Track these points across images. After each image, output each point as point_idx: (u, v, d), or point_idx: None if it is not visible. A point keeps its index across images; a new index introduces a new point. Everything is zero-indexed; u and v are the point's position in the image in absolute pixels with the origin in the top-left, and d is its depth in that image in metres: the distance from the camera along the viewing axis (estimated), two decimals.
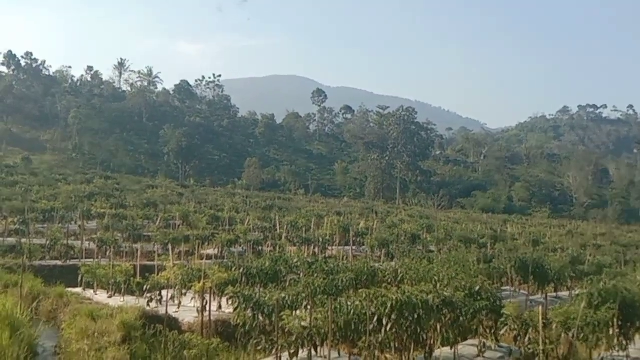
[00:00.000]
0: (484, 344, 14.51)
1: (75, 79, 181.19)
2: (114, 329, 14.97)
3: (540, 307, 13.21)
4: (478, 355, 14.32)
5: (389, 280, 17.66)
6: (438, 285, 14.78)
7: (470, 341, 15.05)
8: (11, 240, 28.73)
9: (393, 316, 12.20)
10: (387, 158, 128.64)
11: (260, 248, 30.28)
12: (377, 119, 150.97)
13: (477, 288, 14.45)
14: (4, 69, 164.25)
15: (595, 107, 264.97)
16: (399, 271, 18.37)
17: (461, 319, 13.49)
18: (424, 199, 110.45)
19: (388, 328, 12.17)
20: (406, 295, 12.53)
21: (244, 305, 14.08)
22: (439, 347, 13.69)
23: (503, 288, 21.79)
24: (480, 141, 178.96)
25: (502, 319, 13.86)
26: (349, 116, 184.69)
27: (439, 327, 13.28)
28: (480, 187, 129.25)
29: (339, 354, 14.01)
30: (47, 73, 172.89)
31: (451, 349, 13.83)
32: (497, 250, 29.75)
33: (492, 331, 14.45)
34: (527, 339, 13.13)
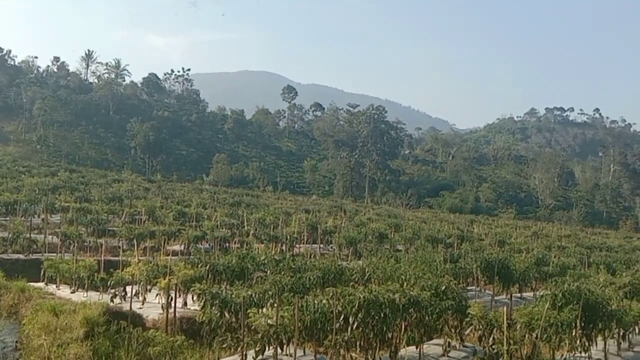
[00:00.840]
0: (449, 343, 14.60)
1: (41, 70, 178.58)
2: (76, 324, 14.74)
3: (505, 308, 13.30)
4: (443, 355, 14.39)
5: (356, 279, 17.67)
6: (405, 284, 14.81)
7: (435, 341, 15.14)
8: None
9: (360, 315, 12.20)
10: (356, 156, 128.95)
11: (227, 245, 30.11)
12: (347, 117, 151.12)
13: (443, 287, 14.53)
14: None
15: (562, 109, 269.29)
16: (366, 270, 18.39)
17: (427, 318, 13.55)
18: (392, 198, 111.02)
19: (354, 327, 12.16)
20: (373, 294, 12.54)
21: (210, 303, 13.95)
22: (404, 347, 13.74)
23: (469, 288, 21.98)
24: (448, 141, 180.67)
25: (467, 319, 13.94)
26: (318, 113, 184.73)
27: (404, 327, 13.33)
28: (448, 187, 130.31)
29: (305, 352, 13.97)
30: (12, 63, 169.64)
31: (416, 348, 13.88)
32: (463, 250, 29.98)
33: (457, 331, 14.55)
34: (491, 339, 13.21)
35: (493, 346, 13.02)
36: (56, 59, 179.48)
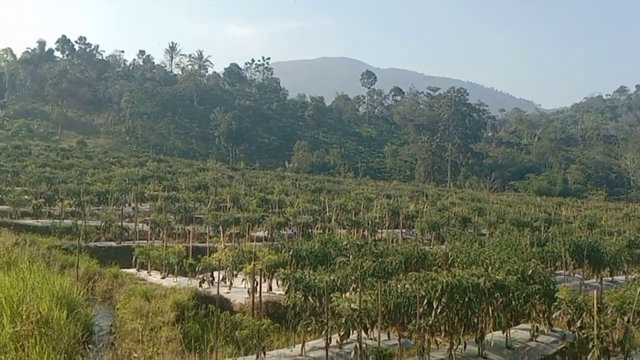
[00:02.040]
0: (537, 328, 14.32)
1: (128, 63, 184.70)
2: (167, 308, 15.29)
3: (595, 292, 12.89)
4: (530, 340, 14.15)
5: (439, 264, 17.53)
6: (489, 268, 14.59)
7: (522, 325, 14.88)
8: (67, 222, 29.45)
9: (443, 299, 12.12)
10: (437, 140, 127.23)
11: (309, 231, 30.42)
12: (427, 100, 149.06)
13: (530, 272, 14.24)
14: (58, 54, 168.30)
15: None
16: (450, 254, 18.21)
17: (513, 302, 13.32)
18: (475, 182, 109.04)
19: (438, 311, 12.10)
20: (457, 278, 12.43)
21: (294, 287, 14.18)
22: (490, 331, 13.57)
23: (557, 272, 21.44)
24: (534, 122, 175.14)
25: (556, 303, 13.61)
26: (398, 98, 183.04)
27: (490, 311, 13.16)
28: (534, 170, 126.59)
29: (389, 336, 14.01)
30: (100, 57, 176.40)
31: (503, 333, 13.69)
32: (550, 233, 29.16)
33: (545, 315, 14.24)
34: (580, 323, 12.87)
35: (582, 331, 12.66)
36: (141, 52, 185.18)
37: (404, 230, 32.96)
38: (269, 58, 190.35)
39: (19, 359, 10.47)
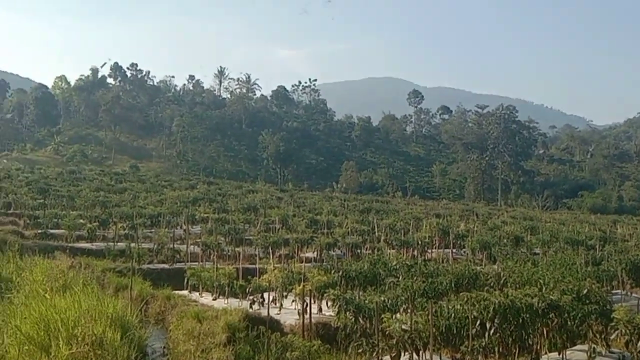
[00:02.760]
0: (594, 349, 13.90)
1: (178, 88, 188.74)
2: (218, 330, 15.38)
3: None
4: None
5: (492, 284, 17.22)
6: (543, 288, 14.29)
7: (579, 346, 14.48)
8: (121, 245, 30.01)
9: (496, 320, 11.92)
10: (487, 158, 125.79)
11: (358, 251, 30.28)
12: (475, 118, 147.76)
13: (585, 291, 13.89)
14: (111, 81, 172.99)
15: None
16: (502, 274, 17.88)
17: (569, 323, 13.01)
18: (527, 200, 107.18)
19: (491, 332, 11.89)
20: (510, 298, 12.21)
21: (344, 308, 14.13)
22: (545, 353, 13.26)
23: (613, 291, 20.85)
24: (586, 139, 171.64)
25: (613, 324, 13.23)
26: (446, 116, 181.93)
27: (545, 332, 12.86)
28: (588, 187, 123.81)
29: (441, 358, 13.81)
30: (151, 83, 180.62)
31: (559, 354, 13.36)
32: (606, 252, 28.39)
33: (603, 336, 13.86)
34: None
35: None
36: (191, 77, 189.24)
37: (454, 250, 32.51)
38: (315, 80, 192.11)
39: None
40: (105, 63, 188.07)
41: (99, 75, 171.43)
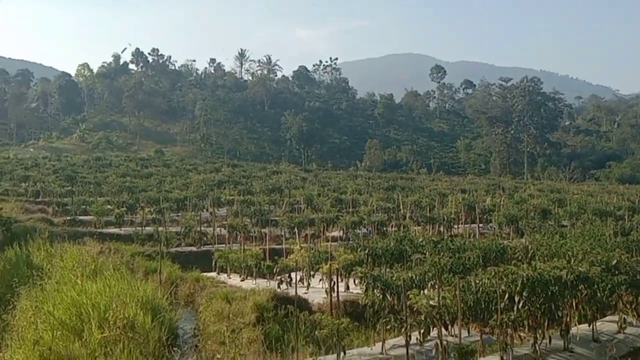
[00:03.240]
0: (624, 319, 13.83)
1: (200, 72, 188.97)
2: (247, 310, 15.53)
3: None
4: (618, 332, 13.69)
5: (519, 258, 17.09)
6: (572, 260, 14.15)
7: (609, 317, 14.41)
8: (149, 229, 30.33)
9: (525, 293, 11.83)
10: (512, 132, 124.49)
11: (384, 229, 30.24)
12: (499, 91, 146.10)
13: (615, 262, 13.75)
14: (133, 67, 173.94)
15: None
16: (530, 247, 17.74)
17: (598, 294, 12.89)
18: (554, 172, 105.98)
19: (520, 306, 11.82)
20: (538, 271, 12.12)
21: (372, 286, 14.14)
22: (575, 325, 13.18)
23: None
24: (612, 108, 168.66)
25: None
26: (469, 91, 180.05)
27: (574, 304, 12.76)
28: (615, 157, 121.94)
29: (469, 332, 13.81)
30: (172, 68, 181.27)
31: (589, 325, 13.28)
32: (635, 222, 28.02)
33: (633, 306, 13.74)
34: None
35: None
36: (212, 60, 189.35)
37: (480, 225, 32.35)
38: (336, 58, 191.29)
39: None
40: (125, 48, 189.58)
41: (121, 61, 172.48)
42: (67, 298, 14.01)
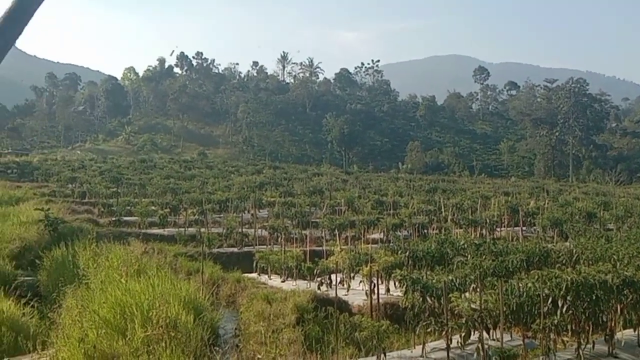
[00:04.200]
0: None
1: (242, 75, 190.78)
2: (288, 311, 15.58)
3: None
4: None
5: (563, 261, 16.83)
6: (618, 264, 13.87)
7: None
8: (191, 230, 30.66)
9: (569, 298, 11.65)
10: (557, 134, 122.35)
11: (425, 231, 30.03)
12: (544, 93, 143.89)
13: None
14: (177, 70, 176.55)
15: None
16: (574, 251, 17.44)
17: None
18: (599, 175, 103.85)
19: (564, 310, 11.63)
20: (582, 275, 11.91)
21: (412, 288, 14.07)
22: (620, 330, 12.90)
23: None
24: None
25: None
26: (513, 92, 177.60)
27: (620, 309, 12.50)
28: None
29: (512, 336, 13.63)
30: (216, 71, 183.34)
31: (634, 331, 13.00)
32: None
33: None
34: None
35: None
36: (255, 63, 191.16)
37: (524, 228, 31.86)
38: (378, 60, 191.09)
39: None
40: (173, 51, 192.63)
41: (166, 65, 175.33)
42: (111, 297, 14.26)
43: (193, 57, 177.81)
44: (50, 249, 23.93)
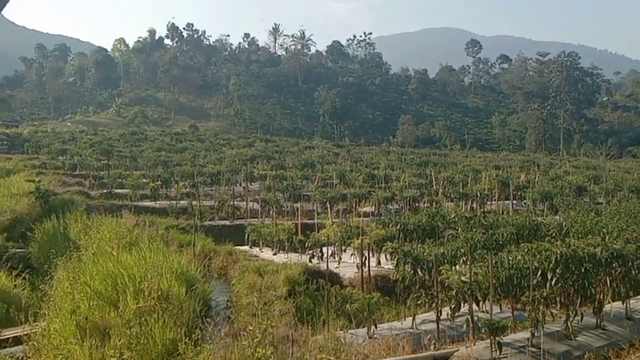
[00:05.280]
0: None
1: (234, 47, 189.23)
2: (279, 283, 15.68)
3: None
4: None
5: (553, 234, 16.96)
6: (607, 237, 13.98)
7: None
8: (183, 203, 30.65)
9: (558, 270, 11.76)
10: (548, 107, 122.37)
11: (416, 204, 30.17)
12: (536, 66, 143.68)
13: None
14: (168, 42, 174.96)
15: None
16: (564, 224, 17.58)
17: (632, 272, 12.77)
18: (590, 149, 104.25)
19: (553, 283, 11.75)
20: (572, 248, 12.01)
21: (403, 261, 14.17)
22: (609, 302, 13.05)
23: None
24: None
25: None
26: (505, 66, 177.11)
27: (608, 281, 12.64)
28: None
29: (501, 308, 13.78)
30: (207, 43, 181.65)
31: (622, 303, 13.16)
32: None
33: None
34: None
35: None
36: (246, 35, 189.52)
37: (514, 202, 32.04)
38: (370, 33, 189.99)
39: (142, 333, 11.05)
40: (174, 18, 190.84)
41: (157, 36, 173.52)
42: (103, 269, 14.27)
43: (184, 29, 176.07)
44: (42, 221, 23.88)
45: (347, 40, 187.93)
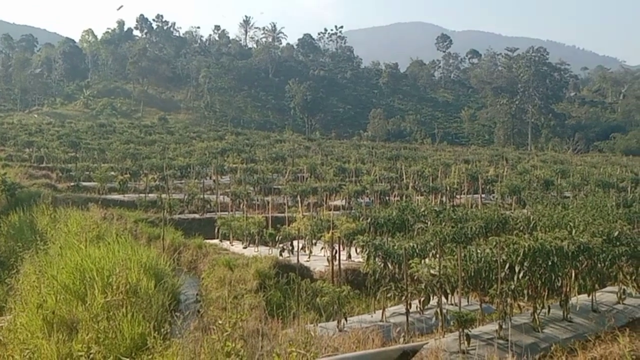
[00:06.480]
0: (624, 290, 13.93)
1: (204, 39, 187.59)
2: (249, 277, 15.65)
3: None
4: (617, 302, 13.78)
5: (521, 228, 17.18)
6: (573, 231, 14.21)
7: (609, 288, 14.52)
8: (152, 195, 30.42)
9: (525, 263, 11.91)
10: (517, 102, 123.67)
11: (387, 198, 30.33)
12: (505, 61, 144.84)
13: (616, 233, 13.81)
14: (137, 33, 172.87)
15: None
16: (532, 218, 17.82)
17: (599, 265, 12.98)
18: (558, 144, 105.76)
19: (520, 276, 11.90)
20: (539, 241, 12.17)
21: (373, 254, 14.23)
22: (575, 295, 13.27)
23: None
24: (618, 80, 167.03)
25: None
26: (475, 61, 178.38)
27: (575, 274, 12.84)
28: (620, 129, 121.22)
29: (469, 301, 13.92)
30: (177, 34, 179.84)
31: (588, 296, 13.38)
32: (638, 194, 28.06)
33: (633, 278, 13.85)
34: None
35: None
36: (217, 27, 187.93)
37: (483, 195, 32.38)
38: (341, 27, 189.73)
39: (110, 327, 10.95)
40: (122, 6, 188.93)
41: (125, 28, 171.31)
42: (70, 263, 14.10)
43: (153, 20, 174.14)
44: (7, 214, 23.55)
45: (319, 34, 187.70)
